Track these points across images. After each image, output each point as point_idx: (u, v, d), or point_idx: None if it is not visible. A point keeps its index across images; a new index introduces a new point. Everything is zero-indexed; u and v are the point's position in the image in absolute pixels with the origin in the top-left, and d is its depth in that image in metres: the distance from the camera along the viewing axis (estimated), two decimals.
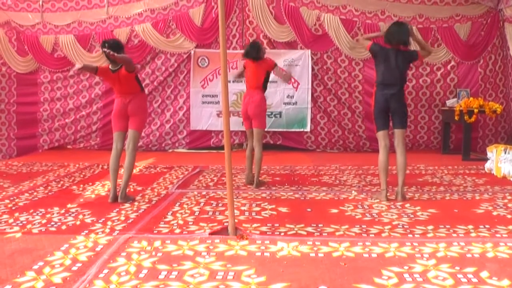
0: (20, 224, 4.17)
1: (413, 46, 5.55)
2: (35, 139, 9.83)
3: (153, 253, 3.37)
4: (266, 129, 9.34)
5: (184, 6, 9.59)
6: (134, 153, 5.17)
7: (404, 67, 5.31)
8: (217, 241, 3.62)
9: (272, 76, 9.46)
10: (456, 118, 8.67)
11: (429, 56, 5.62)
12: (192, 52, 9.65)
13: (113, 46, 5.01)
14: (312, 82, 9.64)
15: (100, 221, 4.29)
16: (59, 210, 4.68)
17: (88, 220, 4.32)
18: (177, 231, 3.98)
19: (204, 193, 5.56)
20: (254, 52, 6.05)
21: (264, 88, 6.23)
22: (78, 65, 4.93)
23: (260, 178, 6.14)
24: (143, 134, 9.69)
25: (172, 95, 9.82)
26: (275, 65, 6.22)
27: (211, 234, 3.82)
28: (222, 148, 4.20)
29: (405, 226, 4.15)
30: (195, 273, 3.00)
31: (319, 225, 4.15)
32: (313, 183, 6.29)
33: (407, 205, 4.95)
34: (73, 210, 4.72)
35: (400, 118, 5.28)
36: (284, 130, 9.73)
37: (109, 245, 3.53)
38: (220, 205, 4.93)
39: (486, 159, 7.38)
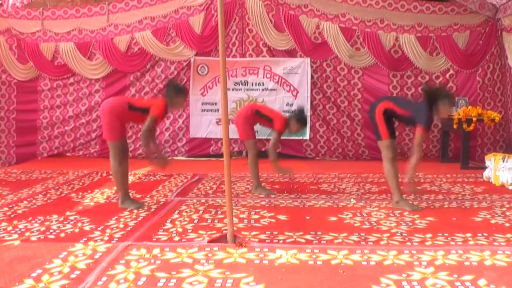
0: (19, 232, 4.17)
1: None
2: (34, 146, 9.83)
3: (152, 260, 3.37)
4: (265, 137, 9.43)
5: (184, 14, 9.63)
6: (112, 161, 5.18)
7: None
8: (216, 249, 3.63)
9: (272, 84, 9.60)
10: (455, 126, 8.68)
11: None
12: (192, 60, 9.68)
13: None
14: (311, 90, 9.67)
15: (99, 228, 4.29)
16: (58, 218, 4.68)
17: (87, 228, 4.33)
18: (176, 238, 3.99)
19: (203, 200, 5.57)
20: None
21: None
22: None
23: (262, 186, 6.24)
24: None
25: None
26: None
27: (210, 241, 3.82)
28: (221, 156, 4.23)
29: (403, 234, 4.15)
30: (193, 280, 3.00)
31: (318, 233, 4.15)
32: (312, 191, 6.29)
33: (406, 213, 4.95)
34: (72, 217, 4.72)
35: None
36: (283, 137, 9.68)
37: (108, 253, 3.53)
38: (219, 212, 4.93)
39: (484, 168, 7.39)
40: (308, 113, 9.64)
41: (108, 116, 5.06)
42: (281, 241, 3.91)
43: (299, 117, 6.04)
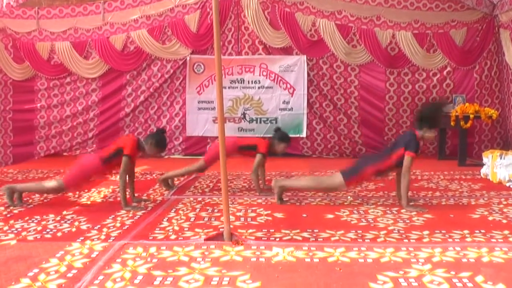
0: (15, 232, 4.15)
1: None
2: (31, 146, 9.82)
3: (149, 259, 3.36)
4: (262, 135, 9.52)
5: (180, 13, 9.62)
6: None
7: None
8: (212, 247, 3.62)
9: (268, 82, 9.59)
10: (452, 123, 8.67)
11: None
12: (188, 58, 9.67)
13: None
14: (308, 88, 9.67)
15: (95, 227, 4.28)
16: (55, 217, 4.66)
17: (84, 227, 4.31)
18: (173, 237, 3.98)
19: (199, 199, 5.55)
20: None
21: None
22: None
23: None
24: None
25: (168, 102, 9.84)
26: None
27: (206, 240, 3.81)
28: None
29: (400, 231, 4.14)
30: (190, 278, 2.99)
31: (315, 231, 4.14)
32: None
33: (403, 210, 4.95)
34: (68, 217, 4.70)
35: None
36: None
37: (104, 252, 3.52)
38: (215, 211, 4.92)
39: (482, 165, 7.39)
40: (304, 111, 9.65)
41: (79, 171, 5.19)
42: (277, 239, 3.90)
43: (281, 136, 6.00)
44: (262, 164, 6.04)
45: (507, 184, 6.42)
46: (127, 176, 5.17)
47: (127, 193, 5.29)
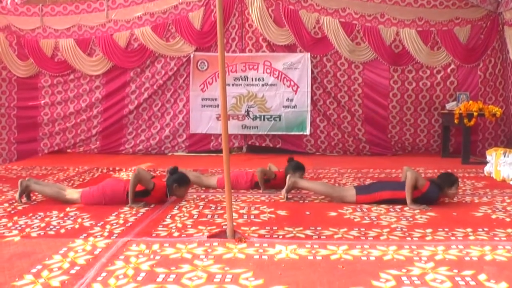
0: (19, 228, 4.17)
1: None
2: (35, 143, 9.84)
3: (151, 256, 3.37)
4: (266, 133, 9.49)
5: (184, 10, 9.62)
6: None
7: None
8: (215, 244, 3.62)
9: (272, 79, 9.58)
10: (456, 121, 8.66)
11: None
12: (192, 55, 9.67)
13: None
14: (312, 85, 9.66)
15: (98, 224, 4.29)
16: (58, 214, 4.67)
17: (87, 224, 4.32)
18: (176, 234, 3.98)
19: (203, 196, 5.56)
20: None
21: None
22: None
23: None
24: (143, 137, 9.77)
25: (172, 99, 9.84)
26: None
27: (209, 237, 3.82)
28: (221, 151, 4.18)
29: (403, 229, 4.14)
30: (193, 276, 2.99)
31: (318, 228, 4.14)
32: None
33: (406, 208, 4.94)
34: (72, 213, 4.71)
35: None
36: (284, 133, 9.74)
37: (107, 249, 3.53)
38: (219, 208, 4.92)
39: (485, 163, 7.37)
40: (308, 108, 9.64)
41: (100, 194, 5.12)
42: (280, 237, 3.90)
43: (295, 166, 5.93)
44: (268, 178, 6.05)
45: (511, 182, 6.41)
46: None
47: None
